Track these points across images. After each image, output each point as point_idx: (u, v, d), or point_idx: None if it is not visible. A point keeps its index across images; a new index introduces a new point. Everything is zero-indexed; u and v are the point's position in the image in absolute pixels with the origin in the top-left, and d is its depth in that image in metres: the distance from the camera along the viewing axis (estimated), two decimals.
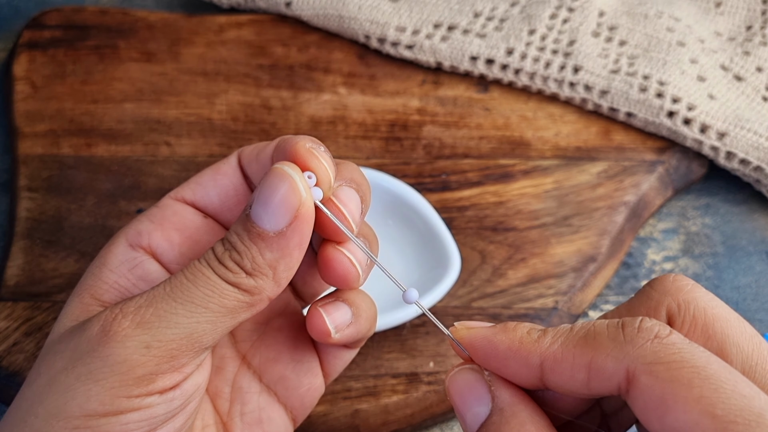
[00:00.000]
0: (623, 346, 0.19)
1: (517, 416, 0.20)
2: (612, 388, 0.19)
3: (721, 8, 0.48)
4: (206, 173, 0.26)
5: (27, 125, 0.43)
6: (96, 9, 0.48)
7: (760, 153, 0.42)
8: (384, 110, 0.45)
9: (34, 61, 0.46)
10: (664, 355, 0.18)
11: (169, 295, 0.21)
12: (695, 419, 0.17)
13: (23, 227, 0.40)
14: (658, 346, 0.18)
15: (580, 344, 0.20)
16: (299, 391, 0.27)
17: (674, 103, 0.43)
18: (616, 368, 0.19)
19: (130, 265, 0.24)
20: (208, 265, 0.22)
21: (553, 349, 0.20)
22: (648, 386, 0.18)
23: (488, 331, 0.21)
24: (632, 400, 0.19)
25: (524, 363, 0.20)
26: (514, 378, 0.21)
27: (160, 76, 0.46)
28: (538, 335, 0.21)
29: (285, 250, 0.22)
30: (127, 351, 0.20)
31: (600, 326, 0.20)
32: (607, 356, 0.19)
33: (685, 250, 0.42)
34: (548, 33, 0.46)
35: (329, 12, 0.47)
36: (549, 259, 0.39)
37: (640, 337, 0.19)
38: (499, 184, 0.42)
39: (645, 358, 0.18)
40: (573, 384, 0.20)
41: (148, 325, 0.21)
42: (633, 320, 0.19)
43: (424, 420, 0.36)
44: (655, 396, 0.18)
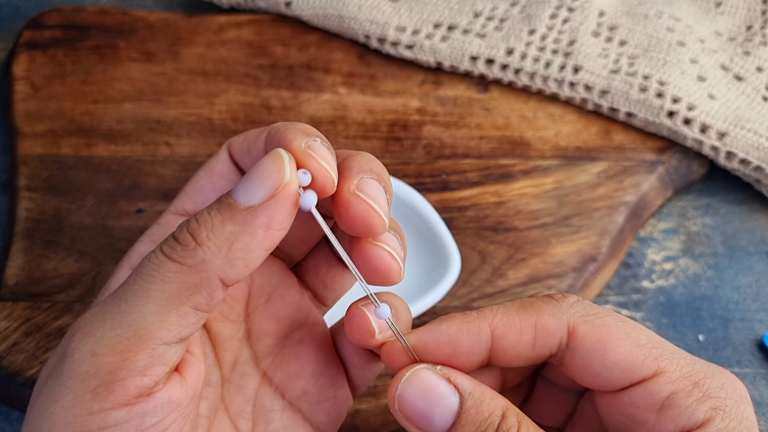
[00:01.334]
0: (559, 307, 0.23)
1: (486, 393, 0.22)
2: (554, 345, 0.22)
3: (721, 8, 0.48)
4: (201, 177, 0.24)
5: (27, 125, 0.43)
6: (96, 9, 0.48)
7: (760, 153, 0.42)
8: (384, 110, 0.45)
9: (33, 61, 0.46)
10: (591, 309, 0.23)
11: (116, 293, 0.20)
12: (629, 350, 0.22)
13: (23, 227, 0.40)
14: (583, 304, 0.23)
15: (521, 311, 0.23)
16: (324, 405, 0.26)
17: (674, 103, 0.43)
18: (558, 324, 0.22)
19: None
20: (159, 247, 0.20)
21: (499, 318, 0.23)
22: (586, 333, 0.22)
23: (430, 325, 0.23)
24: (572, 351, 0.22)
25: (476, 337, 0.22)
26: (464, 361, 0.23)
27: (159, 76, 0.46)
28: (476, 313, 0.23)
29: (249, 225, 0.20)
30: (75, 363, 0.19)
31: (530, 298, 0.24)
32: (549, 315, 0.22)
33: (686, 250, 0.42)
34: (548, 33, 0.46)
35: (329, 12, 0.47)
36: (549, 259, 0.39)
37: (568, 300, 0.23)
38: (499, 184, 0.42)
39: (578, 313, 0.23)
40: (520, 346, 0.23)
41: (94, 330, 0.19)
42: (556, 292, 0.24)
43: None
44: (594, 339, 0.22)
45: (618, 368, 0.22)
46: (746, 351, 0.39)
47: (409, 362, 0.23)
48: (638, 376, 0.22)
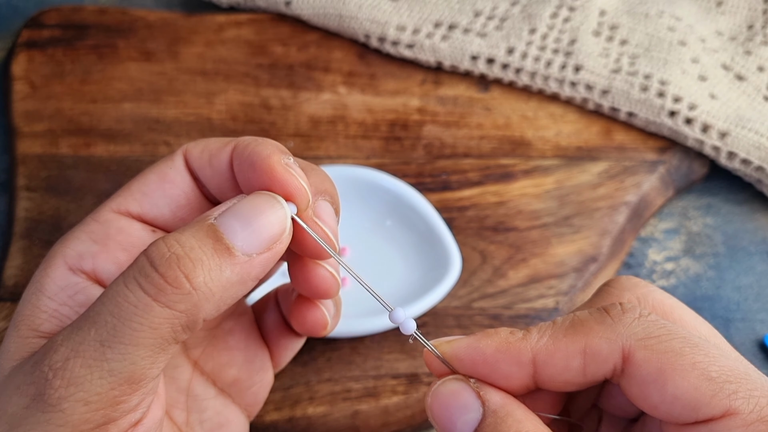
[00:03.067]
0: (614, 327, 0.20)
1: (512, 414, 0.20)
2: (607, 371, 0.20)
3: (722, 7, 0.48)
4: (150, 179, 0.23)
5: (26, 125, 0.43)
6: (95, 8, 0.48)
7: (761, 153, 0.42)
8: (384, 110, 0.45)
9: (32, 60, 0.46)
10: (653, 330, 0.19)
11: (95, 339, 0.18)
12: (694, 384, 0.18)
13: (22, 227, 0.40)
14: (645, 322, 0.20)
15: (570, 333, 0.20)
16: (252, 389, 0.27)
17: (675, 102, 0.43)
18: (611, 348, 0.19)
19: (71, 292, 0.21)
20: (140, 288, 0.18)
21: (544, 342, 0.20)
22: (645, 360, 0.19)
23: (471, 339, 0.21)
24: (628, 379, 0.19)
25: (515, 361, 0.20)
26: (504, 382, 0.21)
27: (159, 75, 0.45)
28: (522, 334, 0.21)
29: (244, 275, 0.19)
30: (65, 414, 0.18)
31: (583, 314, 0.21)
32: (601, 338, 0.20)
33: (687, 250, 0.42)
34: (549, 32, 0.46)
35: (329, 11, 0.47)
36: (550, 260, 0.39)
37: (627, 317, 0.20)
38: (499, 183, 0.42)
39: (637, 335, 0.19)
40: (567, 373, 0.20)
41: (80, 380, 0.18)
42: (614, 304, 0.20)
43: (424, 421, 0.36)
44: (653, 368, 0.19)
45: (679, 404, 0.19)
46: (747, 351, 0.39)
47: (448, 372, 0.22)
48: (703, 415, 0.18)
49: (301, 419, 0.34)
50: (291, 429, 0.34)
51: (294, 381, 0.35)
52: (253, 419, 0.34)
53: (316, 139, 0.43)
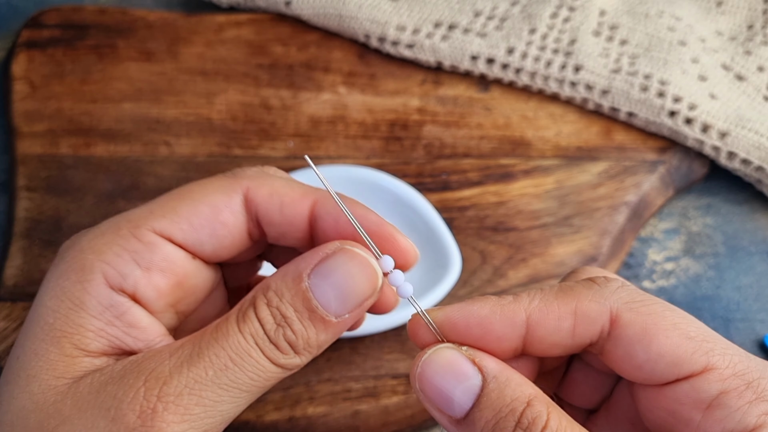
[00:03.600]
0: (601, 292, 0.21)
1: (513, 378, 0.20)
2: (595, 332, 0.21)
3: (722, 7, 0.48)
4: (202, 212, 0.22)
5: (26, 125, 0.43)
6: (95, 8, 0.48)
7: (761, 153, 0.42)
8: (384, 110, 0.45)
9: (32, 60, 0.46)
10: (636, 296, 0.21)
11: (213, 381, 0.19)
12: (676, 342, 0.20)
13: (22, 227, 0.40)
14: (628, 289, 0.21)
15: (561, 296, 0.21)
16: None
17: (675, 102, 0.43)
18: (600, 310, 0.21)
19: (116, 312, 0.21)
20: (257, 345, 0.20)
21: (536, 304, 0.21)
22: (631, 321, 0.20)
23: (462, 304, 0.22)
24: (615, 340, 0.21)
25: (510, 322, 0.21)
26: (495, 345, 0.21)
27: (159, 75, 0.45)
28: (513, 297, 0.22)
29: (338, 333, 0.21)
30: None
31: (570, 283, 0.22)
32: (590, 301, 0.21)
33: (687, 250, 0.42)
34: (549, 32, 0.46)
35: (329, 11, 0.47)
36: (550, 259, 0.39)
37: (612, 284, 0.21)
38: (499, 183, 0.42)
39: (623, 299, 0.21)
40: (558, 334, 0.21)
41: (194, 418, 0.19)
42: (598, 276, 0.22)
43: (424, 421, 0.36)
44: (639, 328, 0.20)
45: (663, 361, 0.20)
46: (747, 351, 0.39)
47: (434, 341, 0.21)
48: (685, 371, 0.20)
49: (301, 419, 0.34)
50: (291, 429, 0.34)
51: (294, 381, 0.35)
52: (254, 419, 0.34)
53: (316, 139, 0.43)
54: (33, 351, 0.20)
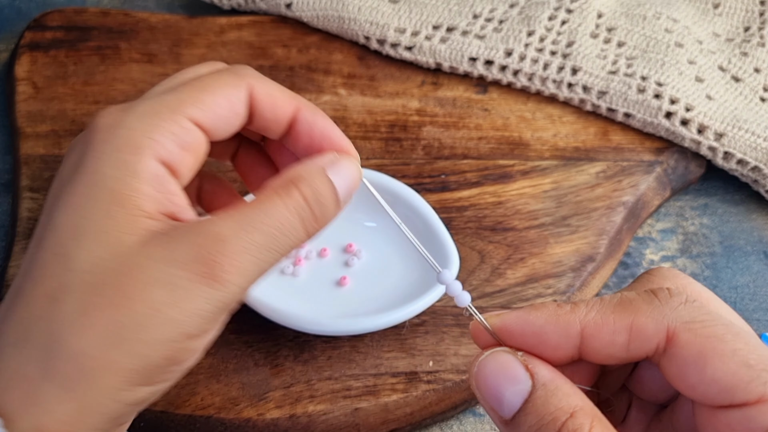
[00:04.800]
0: (661, 308, 0.21)
1: (561, 388, 0.21)
2: (650, 349, 0.21)
3: (719, 9, 0.49)
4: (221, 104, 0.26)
5: (29, 126, 0.44)
6: (97, 10, 0.48)
7: (757, 153, 0.42)
8: (384, 111, 0.45)
9: (35, 62, 0.46)
10: (698, 315, 0.20)
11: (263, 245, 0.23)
12: (733, 369, 0.19)
13: (25, 227, 0.40)
14: (690, 307, 0.21)
15: (618, 309, 0.21)
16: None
17: (672, 103, 0.43)
18: (656, 328, 0.20)
19: (162, 181, 0.24)
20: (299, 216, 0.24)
21: (592, 316, 0.21)
22: (688, 342, 0.20)
23: (520, 312, 0.22)
24: (669, 358, 0.20)
25: (564, 333, 0.21)
26: (550, 353, 0.22)
27: (161, 77, 0.46)
28: (570, 307, 0.22)
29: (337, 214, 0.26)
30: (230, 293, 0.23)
31: (631, 294, 0.22)
32: (647, 317, 0.21)
33: (683, 250, 0.43)
34: (547, 34, 0.46)
35: (329, 13, 0.47)
36: (547, 259, 0.40)
37: (674, 300, 0.21)
38: (497, 184, 0.42)
39: (682, 318, 0.20)
40: (612, 348, 0.21)
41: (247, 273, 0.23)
42: (662, 288, 0.21)
43: (423, 419, 0.36)
44: (695, 350, 0.20)
45: (717, 386, 0.19)
46: None
47: (494, 343, 0.23)
48: (738, 399, 0.19)
49: (301, 417, 0.35)
50: (292, 426, 0.35)
51: (295, 379, 0.35)
52: (255, 417, 0.34)
53: None
54: (103, 211, 0.23)
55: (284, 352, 0.36)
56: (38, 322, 0.22)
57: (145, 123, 0.24)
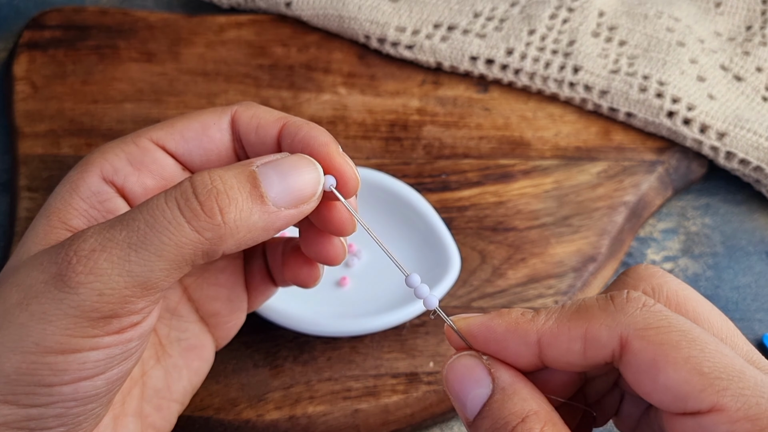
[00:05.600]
0: (615, 315, 0.20)
1: (519, 393, 0.21)
2: (606, 356, 0.20)
3: (720, 8, 0.48)
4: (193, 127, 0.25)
5: (27, 125, 0.44)
6: (96, 9, 0.48)
7: (759, 153, 0.42)
8: (384, 110, 0.45)
9: (34, 61, 0.46)
10: (653, 321, 0.20)
11: (125, 240, 0.21)
12: (685, 377, 0.19)
13: (23, 227, 0.40)
14: (646, 313, 0.20)
15: (574, 318, 0.21)
16: (227, 325, 0.30)
17: (674, 103, 0.43)
18: (609, 336, 0.20)
19: (101, 198, 0.24)
20: (177, 205, 0.21)
21: (549, 325, 0.21)
22: (640, 350, 0.19)
23: (485, 318, 0.23)
24: (625, 366, 0.20)
25: (522, 341, 0.22)
26: (513, 359, 0.22)
27: (160, 76, 0.46)
28: (532, 315, 0.22)
29: (269, 224, 0.22)
30: (80, 297, 0.20)
31: (590, 300, 0.21)
32: (601, 325, 0.20)
33: (685, 250, 0.42)
34: (548, 33, 0.46)
35: (329, 12, 0.47)
36: (549, 259, 0.39)
37: (630, 306, 0.20)
38: (498, 184, 0.42)
39: (636, 324, 0.20)
40: (569, 356, 0.21)
41: (101, 272, 0.20)
42: (620, 292, 0.21)
43: (424, 420, 0.36)
44: (647, 358, 0.19)
45: (669, 393, 0.19)
46: None
47: (464, 347, 0.23)
48: (691, 407, 0.19)
49: (301, 418, 0.34)
50: (291, 428, 0.34)
51: (294, 380, 0.35)
52: (254, 418, 0.34)
53: None
54: (33, 226, 0.24)
55: (284, 353, 0.36)
56: None
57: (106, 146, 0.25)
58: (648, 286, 0.22)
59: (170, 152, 0.25)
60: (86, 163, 0.24)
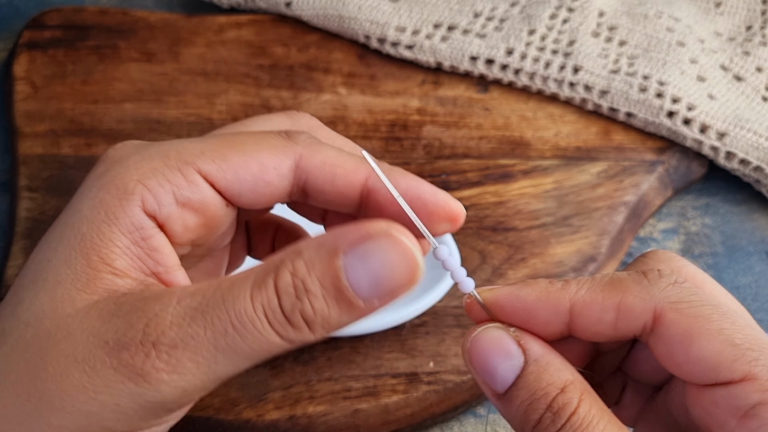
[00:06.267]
0: (649, 289, 0.21)
1: (553, 363, 0.21)
2: (637, 328, 0.21)
3: (720, 8, 0.48)
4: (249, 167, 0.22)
5: (27, 125, 0.44)
6: (96, 9, 0.48)
7: (759, 153, 0.42)
8: (384, 110, 0.45)
9: (34, 61, 0.46)
10: (686, 295, 0.21)
11: (211, 342, 0.19)
12: (718, 348, 0.19)
13: (23, 227, 0.40)
14: (679, 288, 0.21)
15: (607, 288, 0.21)
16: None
17: (674, 103, 0.43)
18: (643, 307, 0.21)
19: (144, 234, 0.21)
20: (265, 317, 0.19)
21: (581, 294, 0.21)
22: (674, 321, 0.20)
23: (512, 288, 0.22)
24: (656, 338, 0.21)
25: (554, 310, 0.22)
26: (541, 329, 0.22)
27: (160, 76, 0.46)
28: (561, 284, 0.22)
29: (362, 316, 0.20)
30: (161, 395, 0.19)
31: (622, 274, 0.22)
32: (635, 297, 0.21)
33: (685, 250, 0.42)
34: (548, 33, 0.46)
35: (329, 12, 0.47)
36: (549, 259, 0.39)
37: (663, 281, 0.21)
38: (498, 184, 0.42)
39: (670, 298, 0.20)
40: (599, 326, 0.21)
41: (185, 371, 0.19)
42: (652, 269, 0.22)
43: (424, 420, 0.36)
44: (681, 330, 0.20)
45: (702, 364, 0.20)
46: None
47: (488, 319, 0.23)
48: (723, 377, 0.20)
49: (301, 418, 0.34)
50: (291, 428, 0.34)
51: (294, 380, 0.35)
52: (254, 418, 0.34)
53: None
54: (64, 258, 0.21)
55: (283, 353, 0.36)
56: None
57: (145, 166, 0.22)
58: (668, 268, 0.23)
59: (219, 189, 0.23)
60: (124, 190, 0.21)
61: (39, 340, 0.19)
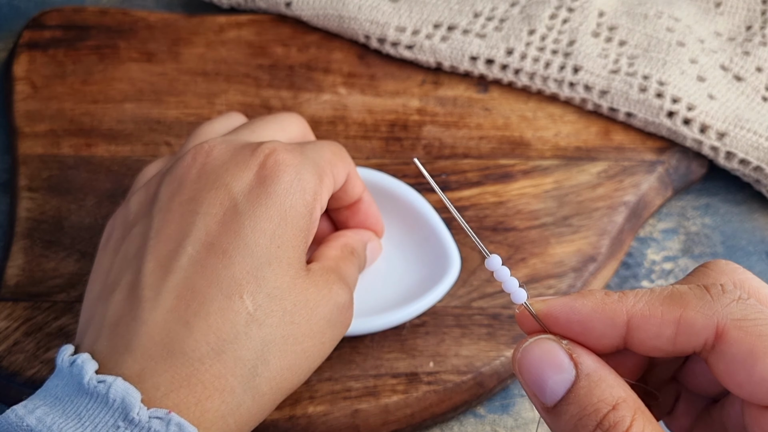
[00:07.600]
0: (711, 304, 0.20)
1: (605, 380, 0.21)
2: (698, 344, 0.20)
3: (720, 8, 0.48)
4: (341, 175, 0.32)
5: (27, 125, 0.44)
6: (96, 9, 0.48)
7: (759, 153, 0.42)
8: (384, 110, 0.45)
9: (34, 61, 0.46)
10: (750, 313, 0.20)
11: None
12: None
13: (23, 227, 0.40)
14: (743, 305, 0.20)
15: (667, 302, 0.21)
16: None
17: (674, 103, 0.43)
18: (705, 323, 0.20)
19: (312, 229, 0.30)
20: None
21: (639, 307, 0.21)
22: (737, 339, 0.19)
23: (567, 299, 0.22)
24: (717, 355, 0.20)
25: (610, 323, 0.21)
26: (595, 342, 0.22)
27: (160, 76, 0.46)
28: (618, 296, 0.21)
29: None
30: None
31: (683, 288, 0.21)
32: (697, 312, 0.20)
33: (685, 250, 0.42)
34: (548, 33, 0.46)
35: (329, 12, 0.47)
36: (549, 259, 0.39)
37: (726, 297, 0.20)
38: (498, 184, 0.42)
39: (733, 315, 0.20)
40: (658, 340, 0.21)
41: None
42: (715, 284, 0.21)
43: (424, 420, 0.36)
44: (744, 348, 0.19)
45: (765, 386, 0.19)
46: None
47: (539, 330, 0.22)
48: None
49: (301, 418, 0.34)
50: (291, 428, 0.34)
51: None
52: None
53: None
54: (291, 245, 0.27)
55: None
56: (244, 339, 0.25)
57: (316, 174, 0.29)
58: (730, 280, 0.22)
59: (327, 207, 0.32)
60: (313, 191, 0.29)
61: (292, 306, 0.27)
